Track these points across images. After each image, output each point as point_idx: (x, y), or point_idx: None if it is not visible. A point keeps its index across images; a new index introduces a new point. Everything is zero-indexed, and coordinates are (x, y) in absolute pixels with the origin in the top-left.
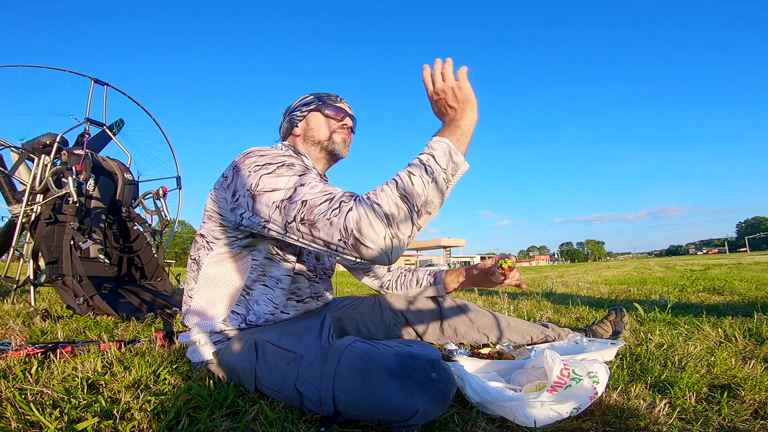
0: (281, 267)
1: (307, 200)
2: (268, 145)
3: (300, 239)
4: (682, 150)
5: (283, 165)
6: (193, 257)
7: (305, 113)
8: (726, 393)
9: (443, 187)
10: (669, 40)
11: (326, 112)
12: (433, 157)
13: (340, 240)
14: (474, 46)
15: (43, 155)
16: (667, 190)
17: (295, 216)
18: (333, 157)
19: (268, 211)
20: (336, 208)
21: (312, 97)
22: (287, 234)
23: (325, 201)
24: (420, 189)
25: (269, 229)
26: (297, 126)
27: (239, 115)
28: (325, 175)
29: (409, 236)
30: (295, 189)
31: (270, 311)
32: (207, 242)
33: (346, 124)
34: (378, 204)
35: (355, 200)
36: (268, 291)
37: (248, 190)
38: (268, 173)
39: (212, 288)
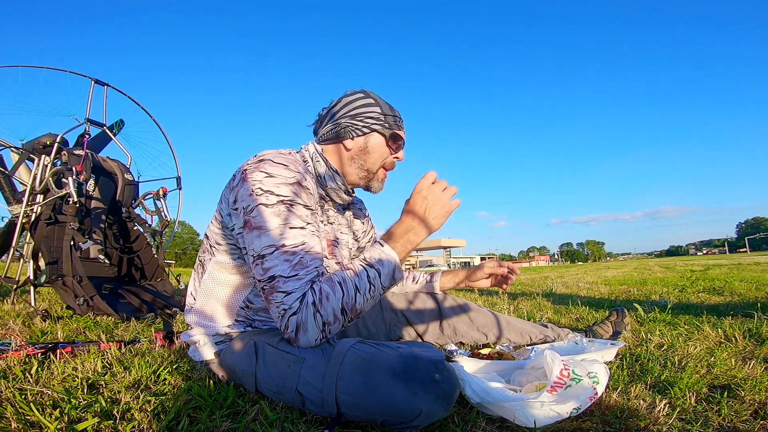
0: None
1: (274, 276)
2: (275, 147)
3: (261, 292)
4: (679, 150)
5: (283, 201)
6: (199, 258)
7: (368, 130)
8: (726, 393)
9: (377, 299)
10: (665, 38)
11: (389, 139)
12: (380, 275)
13: (279, 327)
14: (470, 44)
15: (43, 156)
16: (664, 191)
17: (259, 280)
18: (367, 189)
19: (248, 248)
20: (286, 308)
21: (378, 110)
22: (254, 281)
23: (282, 292)
24: (359, 305)
25: (246, 257)
26: (352, 139)
27: (240, 115)
28: (350, 190)
29: (335, 333)
30: (274, 251)
31: (275, 324)
32: (210, 246)
33: (398, 157)
34: (320, 314)
35: (302, 302)
36: None
37: (244, 209)
38: (265, 204)
39: (214, 296)
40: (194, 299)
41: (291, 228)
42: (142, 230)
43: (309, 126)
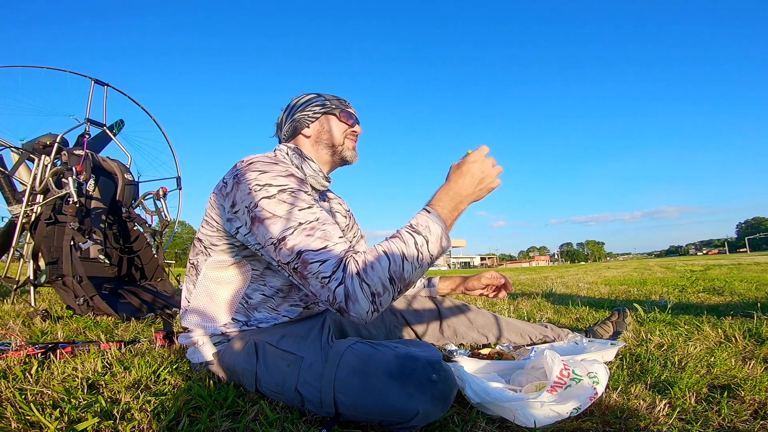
0: (282, 277)
1: (302, 252)
2: (269, 150)
3: (291, 278)
4: (679, 150)
5: (284, 190)
6: (191, 261)
7: (319, 115)
8: (726, 393)
9: (426, 269)
10: (666, 37)
11: (341, 116)
12: (427, 243)
13: (326, 301)
14: (469, 43)
15: (43, 156)
16: (664, 191)
17: (288, 263)
18: (343, 162)
19: (263, 240)
20: (327, 276)
21: (322, 98)
22: (279, 269)
23: (317, 262)
24: (408, 274)
25: (262, 254)
26: (308, 127)
27: (239, 115)
28: (328, 177)
29: (388, 306)
30: (293, 231)
31: (272, 318)
32: (205, 248)
33: (355, 131)
34: (367, 284)
35: (345, 271)
36: (269, 300)
37: (247, 208)
38: (268, 197)
39: (211, 295)
40: (188, 302)
41: (300, 210)
42: (142, 230)
43: (271, 137)
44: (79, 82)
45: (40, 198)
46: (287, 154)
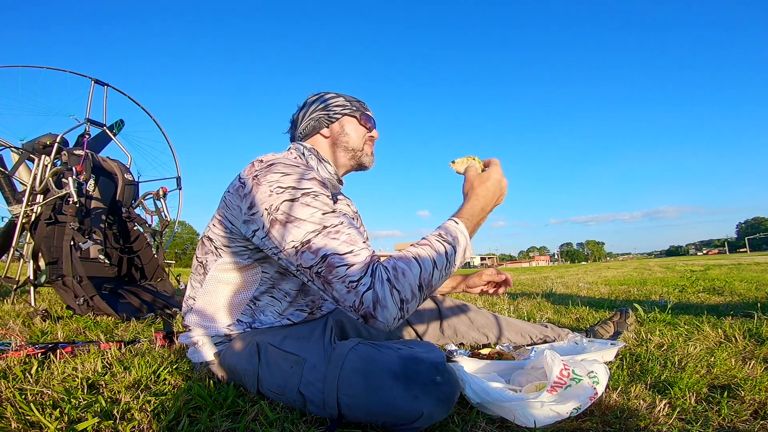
0: (292, 281)
1: (327, 255)
2: (271, 149)
3: (310, 283)
4: (679, 150)
5: (307, 193)
6: (199, 260)
7: (339, 116)
8: (726, 393)
9: (449, 277)
10: (665, 38)
11: (361, 119)
12: (455, 252)
13: (351, 306)
14: (470, 44)
15: (43, 156)
16: (664, 191)
17: (311, 267)
18: (359, 167)
19: (284, 244)
20: (355, 281)
21: (343, 98)
22: (298, 273)
23: (344, 266)
24: (435, 281)
25: (279, 258)
26: (327, 127)
27: (240, 115)
28: (341, 179)
29: (412, 314)
30: (317, 234)
31: (277, 321)
32: (215, 248)
33: (373, 136)
34: (397, 290)
35: (373, 275)
36: (276, 303)
37: (267, 210)
38: (291, 199)
39: (218, 295)
40: (194, 300)
41: (324, 213)
42: (142, 230)
43: (285, 133)
44: (79, 82)
45: (40, 198)
46: (303, 154)
